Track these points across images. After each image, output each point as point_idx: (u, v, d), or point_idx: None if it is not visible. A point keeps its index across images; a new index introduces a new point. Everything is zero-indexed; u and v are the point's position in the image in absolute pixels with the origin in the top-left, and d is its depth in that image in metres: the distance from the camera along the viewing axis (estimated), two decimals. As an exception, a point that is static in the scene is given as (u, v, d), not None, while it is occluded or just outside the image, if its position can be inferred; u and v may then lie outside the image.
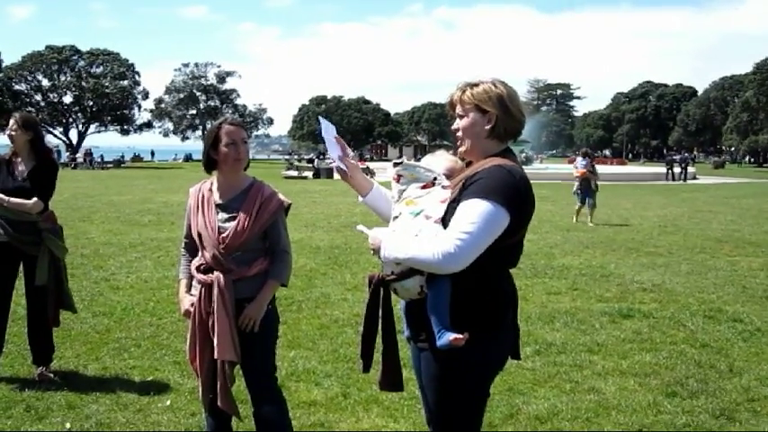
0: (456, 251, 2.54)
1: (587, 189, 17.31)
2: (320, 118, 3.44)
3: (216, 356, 3.65)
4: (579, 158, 18.42)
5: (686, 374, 5.79)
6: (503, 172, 2.69)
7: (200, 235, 3.76)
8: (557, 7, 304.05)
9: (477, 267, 2.61)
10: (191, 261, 3.91)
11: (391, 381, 3.03)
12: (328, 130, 3.18)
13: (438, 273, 2.64)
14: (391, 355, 2.99)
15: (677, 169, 45.48)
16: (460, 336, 2.64)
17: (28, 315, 5.59)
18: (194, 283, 3.82)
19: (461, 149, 2.91)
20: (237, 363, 3.71)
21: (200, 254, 3.80)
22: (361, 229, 2.95)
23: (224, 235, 3.67)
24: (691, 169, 46.52)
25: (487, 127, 2.81)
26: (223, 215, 3.73)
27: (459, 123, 2.87)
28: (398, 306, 2.98)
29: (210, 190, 3.84)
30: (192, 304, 3.76)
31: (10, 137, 5.39)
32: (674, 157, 50.38)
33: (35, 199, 5.28)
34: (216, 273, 3.66)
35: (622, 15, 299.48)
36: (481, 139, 2.83)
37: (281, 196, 3.83)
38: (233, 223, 3.68)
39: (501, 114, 2.81)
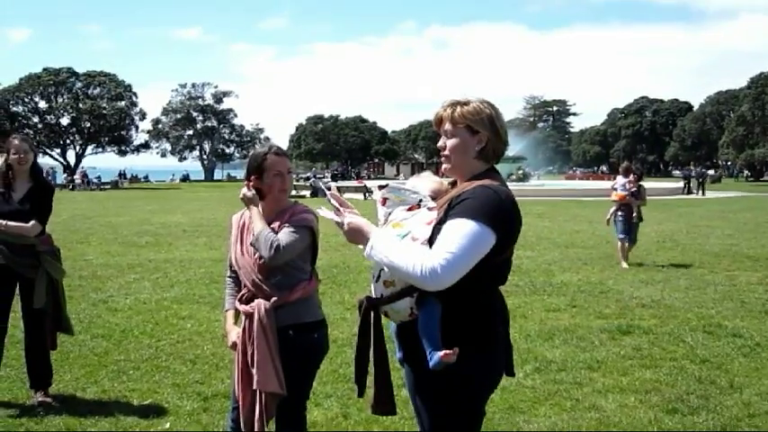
0: (441, 270, 2.53)
1: (627, 219, 12.85)
2: (326, 191, 3.18)
3: (255, 386, 3.55)
4: (619, 177, 13.59)
5: (687, 391, 5.78)
6: (488, 192, 2.69)
7: (238, 262, 3.74)
8: (546, 25, 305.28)
9: (466, 285, 2.60)
10: (236, 291, 3.86)
11: (383, 405, 2.99)
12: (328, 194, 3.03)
13: (419, 288, 2.63)
14: (383, 380, 2.96)
15: (693, 182, 46.43)
16: (449, 351, 2.64)
17: (25, 338, 5.57)
18: (241, 316, 3.77)
19: (446, 167, 2.91)
20: (283, 395, 3.57)
21: (242, 284, 3.76)
22: (324, 214, 2.90)
23: (257, 258, 3.63)
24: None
25: (477, 148, 2.82)
26: None
27: (446, 142, 2.87)
28: (389, 329, 2.97)
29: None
30: (239, 336, 3.71)
31: (20, 160, 5.32)
32: (691, 172, 51.23)
33: (33, 222, 5.27)
34: (257, 301, 3.61)
35: (613, 32, 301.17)
36: (469, 159, 2.84)
37: (311, 216, 3.71)
38: None
39: (491, 136, 2.83)
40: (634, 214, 12.85)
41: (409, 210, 2.83)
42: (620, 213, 12.95)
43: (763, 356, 6.79)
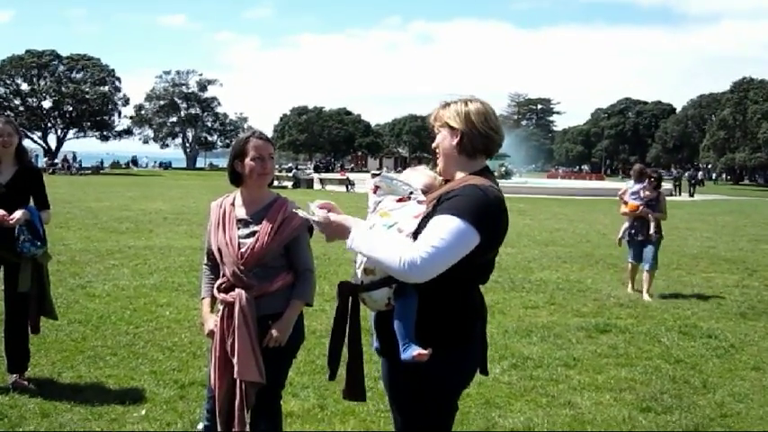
0: (421, 263, 2.55)
1: (642, 236, 9.95)
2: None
3: (236, 376, 3.55)
4: (630, 182, 10.60)
5: (661, 390, 5.84)
6: (477, 191, 2.70)
7: (219, 251, 3.71)
8: (532, 23, 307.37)
9: (446, 282, 2.62)
10: (213, 279, 3.85)
11: (354, 391, 3.05)
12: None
13: (399, 279, 2.66)
14: (355, 366, 3.00)
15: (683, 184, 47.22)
16: (424, 351, 2.67)
17: (6, 321, 5.51)
18: (218, 304, 3.77)
19: (438, 168, 2.96)
20: (262, 383, 3.58)
21: (221, 271, 3.74)
22: (305, 214, 2.88)
23: (242, 250, 3.62)
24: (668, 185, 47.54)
25: (454, 143, 2.85)
26: (244, 230, 3.67)
27: (436, 140, 2.94)
28: (370, 318, 2.99)
29: (233, 204, 3.79)
30: (216, 324, 3.70)
31: (3, 142, 5.24)
32: (683, 174, 51.94)
33: (47, 211, 5.48)
34: (237, 290, 3.60)
35: (598, 33, 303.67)
36: (453, 155, 2.87)
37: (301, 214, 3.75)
38: (252, 239, 3.62)
39: (467, 131, 2.83)
40: (651, 231, 9.85)
41: (399, 201, 2.86)
42: (633, 231, 10.08)
43: (736, 358, 6.87)
